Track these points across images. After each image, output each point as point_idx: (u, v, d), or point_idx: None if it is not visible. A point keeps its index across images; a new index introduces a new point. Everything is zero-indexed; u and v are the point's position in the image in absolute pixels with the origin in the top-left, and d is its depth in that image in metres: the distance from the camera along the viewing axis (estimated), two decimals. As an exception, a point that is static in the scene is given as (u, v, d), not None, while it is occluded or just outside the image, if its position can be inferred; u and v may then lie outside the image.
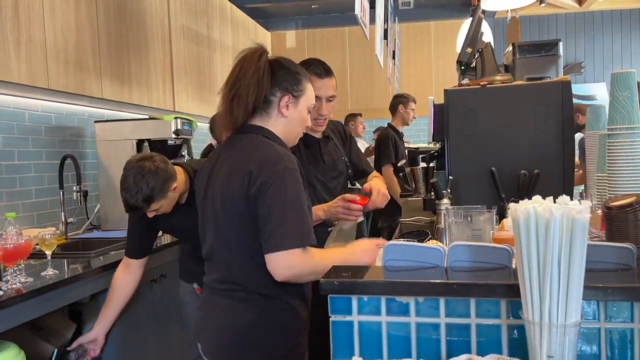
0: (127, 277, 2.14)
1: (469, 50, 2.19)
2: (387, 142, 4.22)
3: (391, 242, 1.20)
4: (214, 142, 3.25)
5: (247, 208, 1.37)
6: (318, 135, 2.11)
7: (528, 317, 0.90)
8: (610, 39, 6.68)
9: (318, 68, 2.02)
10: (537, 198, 0.92)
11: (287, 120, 1.49)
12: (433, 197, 2.52)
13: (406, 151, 4.03)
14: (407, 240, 1.63)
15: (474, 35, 2.20)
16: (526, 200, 0.93)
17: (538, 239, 0.87)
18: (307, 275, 1.36)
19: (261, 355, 1.43)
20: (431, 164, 2.51)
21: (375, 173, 2.31)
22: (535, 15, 6.62)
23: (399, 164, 3.50)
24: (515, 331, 1.01)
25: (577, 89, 6.65)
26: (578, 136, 4.60)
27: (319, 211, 1.89)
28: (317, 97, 1.96)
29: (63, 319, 2.48)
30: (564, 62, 6.73)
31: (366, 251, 1.41)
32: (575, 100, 6.42)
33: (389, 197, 2.00)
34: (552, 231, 0.86)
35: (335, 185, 2.15)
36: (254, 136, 1.46)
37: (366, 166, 2.31)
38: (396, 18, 5.23)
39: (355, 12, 2.39)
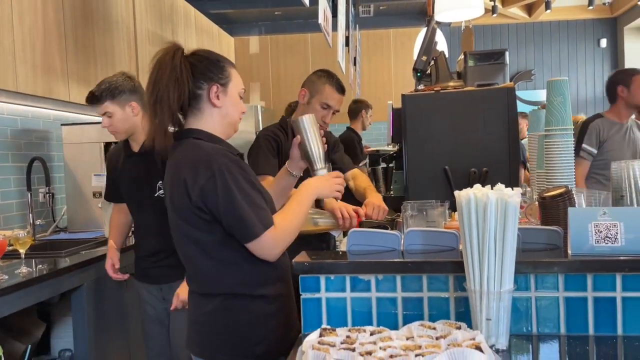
0: (122, 216, 2.40)
1: (424, 58, 2.37)
2: (354, 144, 4.41)
3: (354, 229, 1.34)
4: None
5: (198, 216, 1.37)
6: None
7: (470, 286, 1.06)
8: (558, 48, 7.08)
9: (338, 83, 2.27)
10: (477, 186, 1.08)
11: (221, 110, 1.46)
12: (393, 195, 2.69)
13: (367, 155, 4.23)
14: None
15: (428, 44, 2.37)
16: (469, 188, 1.08)
17: (478, 219, 1.03)
18: (290, 240, 1.39)
19: (236, 344, 1.44)
20: (390, 164, 2.67)
21: (355, 171, 2.44)
22: (488, 25, 6.94)
23: (359, 165, 3.68)
24: (461, 302, 1.17)
25: (528, 95, 7.00)
26: None
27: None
28: (328, 106, 2.20)
29: (33, 318, 2.52)
30: (516, 70, 7.09)
31: (323, 182, 1.51)
32: (525, 106, 6.68)
33: (387, 209, 2.12)
34: (488, 212, 1.01)
35: None
36: (186, 141, 1.44)
37: (347, 165, 2.46)
38: (357, 26, 5.41)
39: (319, 21, 2.54)
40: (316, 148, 1.57)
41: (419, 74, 2.44)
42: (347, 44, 4.20)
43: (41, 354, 2.58)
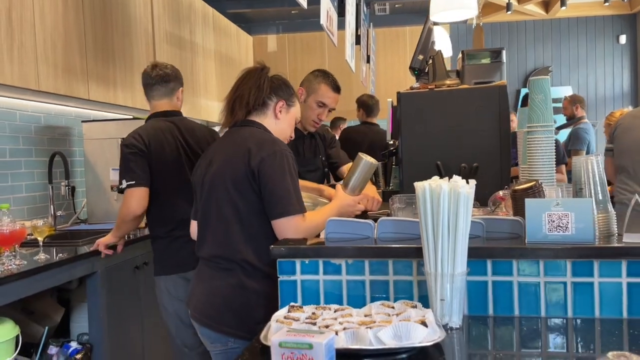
0: None
1: (421, 57, 2.45)
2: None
3: (331, 218, 1.45)
4: None
5: (249, 182, 1.60)
6: (305, 132, 2.42)
7: (427, 269, 1.15)
8: (576, 45, 7.02)
9: (334, 83, 2.45)
10: (435, 178, 1.17)
11: (279, 122, 1.77)
12: (392, 189, 2.78)
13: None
14: None
15: (424, 43, 2.46)
16: (427, 180, 1.18)
17: (432, 207, 1.13)
18: (309, 236, 1.60)
19: (242, 319, 1.61)
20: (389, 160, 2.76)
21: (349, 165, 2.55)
22: (505, 22, 6.93)
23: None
24: (423, 285, 1.27)
25: (545, 91, 6.96)
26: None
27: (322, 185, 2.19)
28: (324, 104, 2.34)
29: (52, 303, 2.70)
30: (533, 67, 7.06)
31: (347, 206, 1.79)
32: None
33: (381, 201, 2.24)
34: (441, 201, 1.11)
35: (310, 178, 2.41)
36: (249, 128, 1.73)
37: (343, 160, 2.58)
38: (371, 24, 5.49)
39: (321, 22, 2.64)
40: (358, 184, 1.87)
41: (416, 72, 2.52)
42: (357, 42, 4.29)
43: (61, 337, 2.75)
